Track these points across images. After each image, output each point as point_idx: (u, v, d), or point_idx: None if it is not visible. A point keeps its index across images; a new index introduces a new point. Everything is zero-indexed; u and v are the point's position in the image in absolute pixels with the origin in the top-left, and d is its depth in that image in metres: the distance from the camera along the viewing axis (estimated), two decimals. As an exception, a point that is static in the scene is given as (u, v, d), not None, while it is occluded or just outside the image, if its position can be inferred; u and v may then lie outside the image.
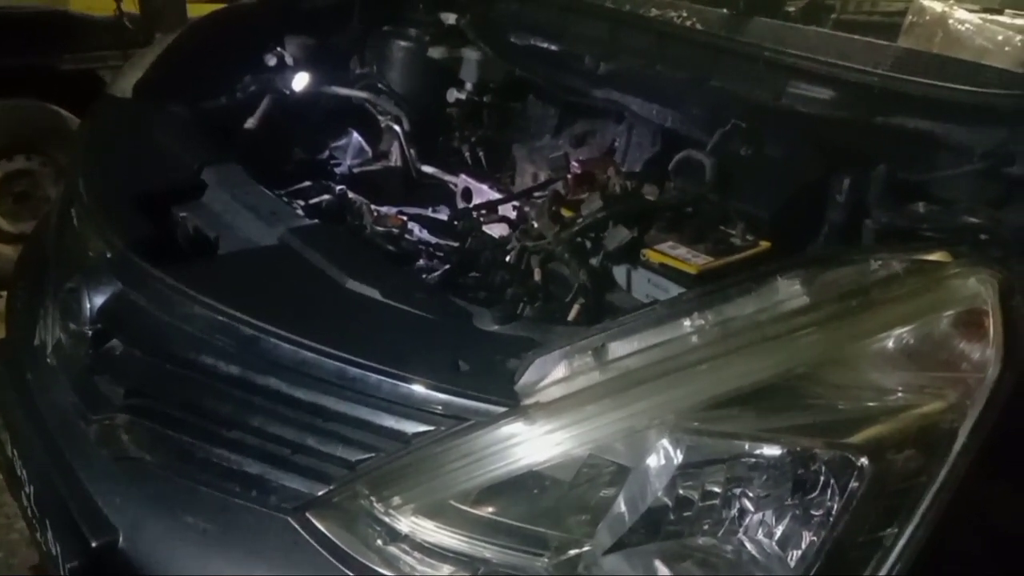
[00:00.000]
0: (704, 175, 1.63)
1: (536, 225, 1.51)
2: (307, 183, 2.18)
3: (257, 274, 1.34)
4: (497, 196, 2.34)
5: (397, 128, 2.49)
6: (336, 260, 1.30)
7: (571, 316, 1.35)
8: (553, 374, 1.03)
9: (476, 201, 2.38)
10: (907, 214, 1.42)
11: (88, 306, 1.36)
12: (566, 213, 1.54)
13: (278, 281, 1.31)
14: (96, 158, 1.77)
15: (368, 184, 2.48)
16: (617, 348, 1.03)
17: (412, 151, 2.52)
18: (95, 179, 1.65)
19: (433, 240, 1.75)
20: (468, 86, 2.51)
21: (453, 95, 2.49)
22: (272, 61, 2.28)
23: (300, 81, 2.34)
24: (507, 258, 1.54)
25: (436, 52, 2.44)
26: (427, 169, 2.54)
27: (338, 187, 2.24)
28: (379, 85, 2.53)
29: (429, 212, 2.22)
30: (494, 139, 2.57)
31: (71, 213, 1.62)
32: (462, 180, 2.40)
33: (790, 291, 1.05)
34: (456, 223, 1.75)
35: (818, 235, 1.51)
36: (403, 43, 2.54)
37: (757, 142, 1.63)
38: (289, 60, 2.33)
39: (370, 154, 2.53)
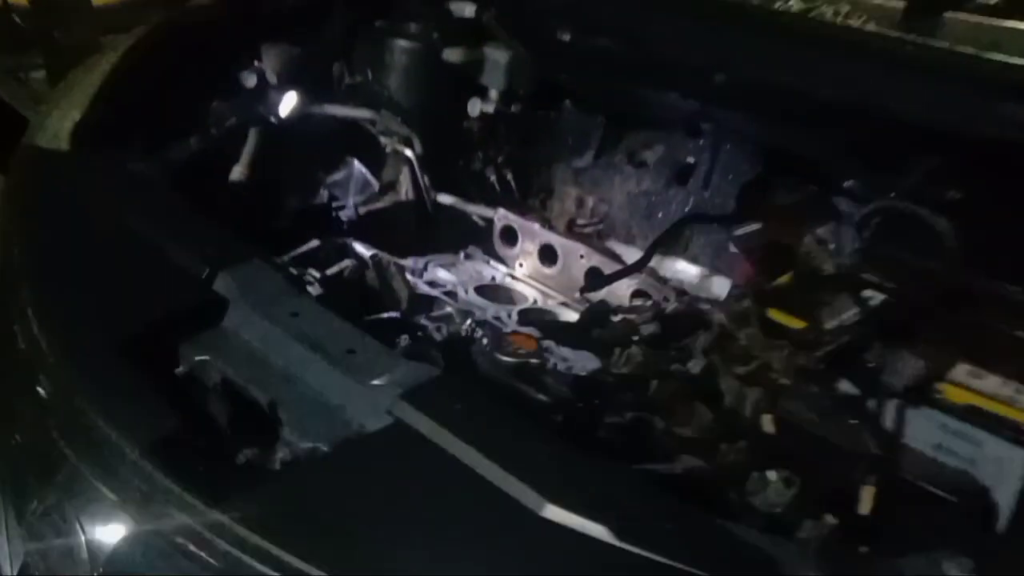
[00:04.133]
0: (915, 237, 1.19)
1: (741, 339, 1.03)
2: (315, 242, 1.65)
3: (373, 494, 0.83)
4: (550, 235, 1.86)
5: (408, 152, 1.98)
6: (508, 460, 0.80)
7: (864, 506, 0.89)
8: None
9: (524, 244, 1.90)
10: None
11: (85, 551, 0.84)
12: (779, 318, 1.07)
13: (414, 509, 0.81)
14: (42, 257, 1.20)
15: (379, 226, 1.96)
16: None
17: (426, 178, 2.00)
18: (50, 300, 1.10)
19: (573, 359, 1.23)
20: (492, 95, 1.99)
21: (477, 107, 1.98)
22: (251, 80, 1.72)
23: (288, 103, 1.78)
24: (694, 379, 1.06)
25: (453, 54, 1.91)
26: (445, 199, 2.04)
27: (353, 242, 1.72)
28: (379, 98, 2.00)
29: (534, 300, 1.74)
30: (525, 159, 2.08)
31: (15, 360, 1.07)
32: (501, 216, 1.91)
33: None
34: (591, 326, 1.24)
35: None
36: (404, 43, 2.00)
37: (978, 188, 1.20)
38: (271, 77, 1.77)
39: (376, 186, 2.00)
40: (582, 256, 1.75)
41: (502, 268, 1.87)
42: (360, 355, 0.99)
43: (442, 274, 1.78)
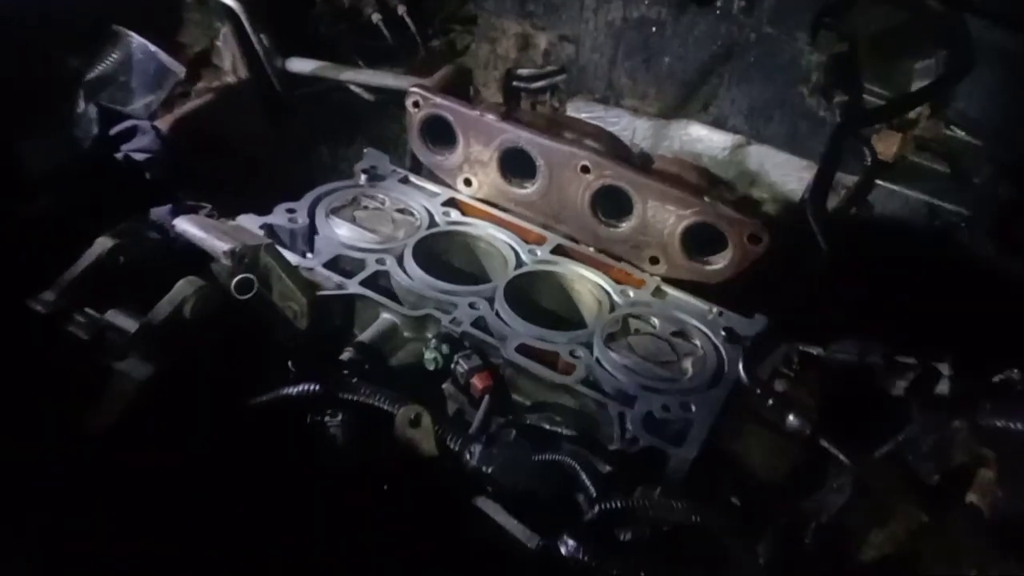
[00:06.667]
0: None
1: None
2: (104, 244, 0.88)
3: None
4: (518, 130, 1.07)
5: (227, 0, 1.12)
6: None
7: None
8: None
9: (471, 147, 1.11)
10: None
11: None
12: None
13: None
14: None
15: (205, 146, 1.12)
16: None
17: (263, 37, 1.16)
18: None
19: None
20: None
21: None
22: None
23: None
24: None
25: None
26: (300, 66, 1.23)
27: (175, 215, 0.91)
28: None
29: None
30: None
31: None
32: (420, 99, 1.10)
33: None
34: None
35: None
36: None
37: None
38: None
39: (180, 71, 1.13)
40: (585, 168, 1.02)
41: (437, 191, 1.10)
42: None
43: (345, 232, 1.00)
